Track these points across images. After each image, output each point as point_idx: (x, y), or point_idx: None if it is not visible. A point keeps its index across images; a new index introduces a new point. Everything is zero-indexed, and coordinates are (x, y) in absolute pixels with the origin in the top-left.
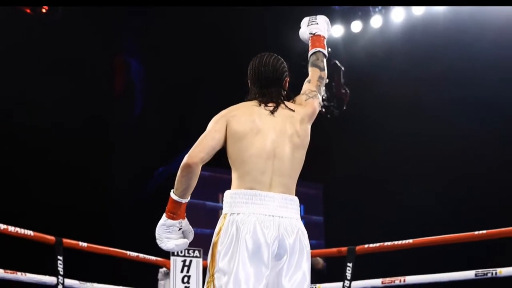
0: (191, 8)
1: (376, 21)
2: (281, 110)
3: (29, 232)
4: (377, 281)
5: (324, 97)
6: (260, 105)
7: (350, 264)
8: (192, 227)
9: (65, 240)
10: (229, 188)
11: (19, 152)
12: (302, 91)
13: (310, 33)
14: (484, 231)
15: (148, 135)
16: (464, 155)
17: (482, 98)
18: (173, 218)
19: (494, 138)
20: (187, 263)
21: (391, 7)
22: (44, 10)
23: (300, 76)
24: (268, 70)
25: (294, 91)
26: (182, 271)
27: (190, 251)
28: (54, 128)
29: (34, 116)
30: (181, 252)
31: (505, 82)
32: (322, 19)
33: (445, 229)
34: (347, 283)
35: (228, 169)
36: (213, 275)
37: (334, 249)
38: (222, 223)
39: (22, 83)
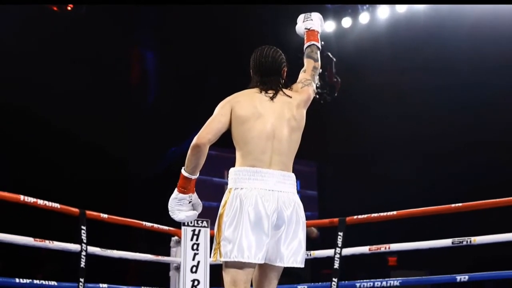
0: (199, 6)
1: (364, 17)
2: (280, 96)
3: (56, 205)
4: (365, 248)
5: (318, 85)
6: (261, 92)
7: (341, 233)
8: (201, 200)
9: (88, 212)
10: (234, 166)
11: (47, 134)
12: (298, 80)
13: (305, 28)
14: (460, 204)
15: (161, 118)
16: (442, 135)
17: (458, 85)
18: (184, 192)
19: (468, 121)
20: (196, 232)
21: (377, 5)
22: (69, 8)
23: (296, 66)
24: (268, 61)
25: (291, 80)
26: (192, 240)
27: (199, 222)
28: (78, 112)
29: (61, 102)
30: (191, 222)
31: (478, 71)
32: (316, 16)
33: (426, 202)
34: (338, 250)
35: (232, 149)
36: (219, 243)
37: (326, 220)
38: (227, 197)
39: (50, 72)
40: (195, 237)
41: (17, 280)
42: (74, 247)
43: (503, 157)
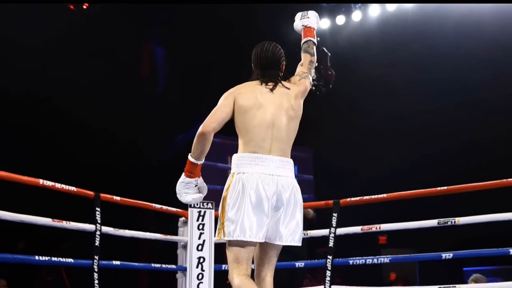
0: (205, 5)
1: (356, 15)
2: (279, 88)
3: (73, 188)
4: (357, 228)
5: (314, 78)
6: (261, 84)
7: (335, 215)
8: (206, 184)
9: (102, 195)
10: (236, 152)
11: (65, 123)
12: (296, 73)
13: (302, 25)
14: (445, 187)
15: (169, 108)
16: (427, 124)
17: (444, 78)
18: (190, 177)
19: (452, 111)
20: (202, 213)
21: (369, 4)
22: (85, 6)
23: (294, 60)
24: (268, 56)
25: (289, 73)
26: (197, 220)
27: (204, 204)
28: (93, 102)
29: (77, 92)
30: (197, 204)
31: (462, 65)
32: (312, 14)
33: (413, 186)
34: (332, 230)
35: (235, 137)
36: (223, 223)
37: (322, 202)
38: (230, 181)
39: (68, 65)
40: (200, 217)
41: (36, 257)
42: (89, 227)
43: (485, 145)
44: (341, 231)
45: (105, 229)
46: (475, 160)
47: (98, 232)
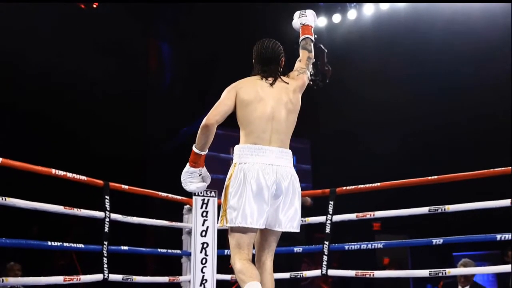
0: (208, 3)
1: (351, 14)
2: (278, 83)
3: (83, 177)
4: (353, 215)
5: (311, 73)
6: (262, 79)
7: (331, 202)
8: (209, 174)
9: (111, 184)
10: (238, 143)
11: (78, 115)
12: (294, 68)
13: (300, 23)
14: (435, 177)
15: (175, 101)
16: (420, 115)
17: (434, 72)
18: (194, 167)
19: (442, 103)
20: (205, 201)
21: (364, 3)
22: (95, 6)
23: (293, 56)
24: (268, 52)
25: (288, 68)
26: (201, 208)
27: (208, 192)
28: (104, 94)
29: (88, 86)
30: (201, 192)
31: (451, 60)
32: (310, 13)
33: (406, 175)
34: (329, 217)
35: (237, 129)
36: (225, 211)
37: (319, 191)
38: (232, 170)
39: (79, 60)
40: (204, 205)
41: (49, 243)
42: (99, 214)
43: (473, 134)
44: (337, 218)
45: (114, 216)
46: (463, 149)
47: (107, 219)
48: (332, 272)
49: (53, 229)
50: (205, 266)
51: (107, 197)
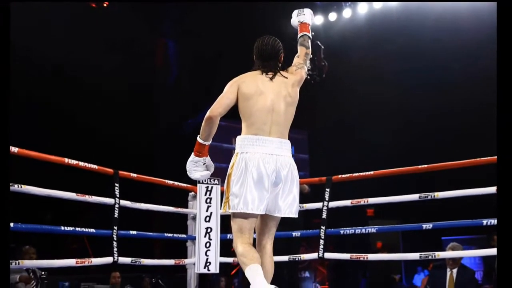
0: (212, 3)
1: (346, 12)
2: (278, 77)
3: (94, 166)
4: (347, 202)
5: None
6: (262, 73)
7: (328, 190)
8: (213, 163)
9: (121, 172)
10: (240, 134)
11: (90, 108)
12: (293, 63)
13: (298, 21)
14: (426, 165)
15: (180, 95)
16: (411, 108)
17: (424, 68)
18: (199, 156)
19: (431, 96)
20: (209, 188)
21: (358, 2)
22: (105, 5)
23: (291, 52)
24: (268, 48)
25: (287, 63)
26: (205, 194)
27: (211, 180)
28: (114, 89)
29: (100, 80)
30: (205, 180)
31: (440, 56)
32: (307, 11)
33: (398, 163)
34: (325, 203)
35: (239, 121)
36: (228, 197)
37: (316, 179)
38: (234, 160)
39: (90, 56)
40: (208, 192)
41: (62, 228)
42: (109, 200)
43: (461, 125)
44: (333, 204)
45: (123, 202)
46: (452, 139)
47: (116, 205)
48: (328, 255)
49: (66, 215)
50: (209, 250)
51: (116, 184)
